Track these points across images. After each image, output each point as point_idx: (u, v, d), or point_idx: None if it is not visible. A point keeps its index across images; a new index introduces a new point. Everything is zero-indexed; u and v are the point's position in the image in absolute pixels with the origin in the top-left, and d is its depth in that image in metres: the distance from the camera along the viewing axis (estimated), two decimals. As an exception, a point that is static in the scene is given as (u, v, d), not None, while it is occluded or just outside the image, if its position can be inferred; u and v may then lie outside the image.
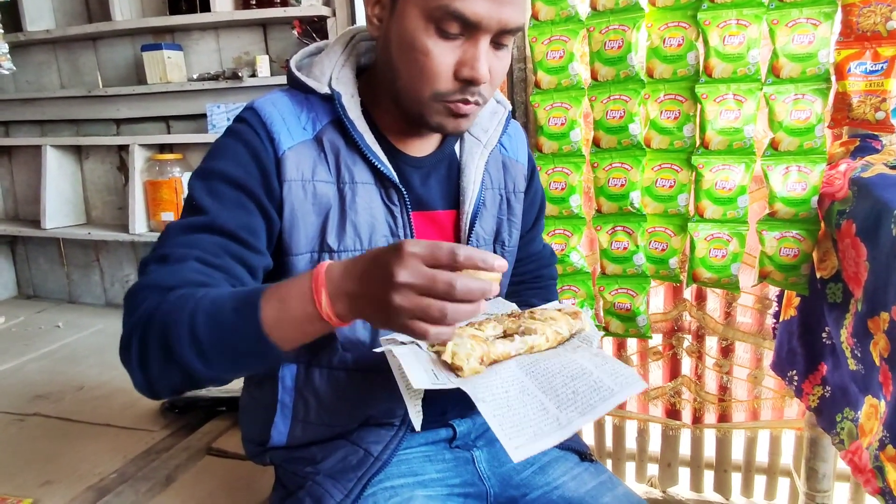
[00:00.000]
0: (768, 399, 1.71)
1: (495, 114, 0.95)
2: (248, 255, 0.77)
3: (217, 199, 0.76)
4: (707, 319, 1.68)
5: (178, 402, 1.44)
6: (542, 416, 0.61)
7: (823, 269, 1.36)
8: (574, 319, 0.82)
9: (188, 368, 0.65)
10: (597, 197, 1.48)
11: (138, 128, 2.25)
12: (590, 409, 0.63)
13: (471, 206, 0.90)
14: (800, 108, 1.29)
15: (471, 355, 0.68)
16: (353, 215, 0.82)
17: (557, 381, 0.67)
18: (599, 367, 0.69)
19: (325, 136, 0.82)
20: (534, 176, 1.05)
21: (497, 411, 0.61)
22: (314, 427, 0.88)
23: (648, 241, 1.47)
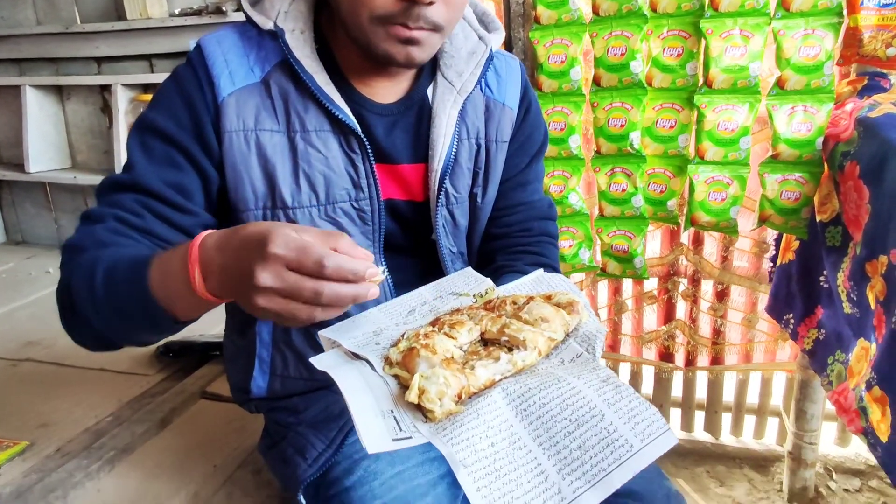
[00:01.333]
0: (761, 342, 1.72)
1: (473, 54, 0.83)
2: (175, 216, 0.72)
3: (146, 155, 0.72)
4: (703, 263, 1.67)
5: (172, 345, 1.43)
6: (539, 485, 0.48)
7: (824, 212, 1.34)
8: (570, 315, 0.65)
9: (101, 335, 0.65)
10: (596, 137, 1.44)
11: (120, 67, 2.16)
12: (601, 477, 0.47)
13: (440, 161, 0.81)
14: (809, 45, 1.24)
15: (444, 394, 0.53)
16: (306, 167, 0.75)
17: (558, 427, 0.51)
18: (612, 406, 0.52)
19: (273, 80, 0.74)
20: (528, 115, 0.92)
21: (482, 481, 0.47)
22: (293, 381, 0.85)
23: (647, 182, 1.45)
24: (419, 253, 0.88)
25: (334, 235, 0.54)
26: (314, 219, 0.77)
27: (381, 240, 0.82)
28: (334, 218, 0.78)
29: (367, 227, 0.80)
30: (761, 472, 1.81)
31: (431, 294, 0.73)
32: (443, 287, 0.74)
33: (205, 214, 0.75)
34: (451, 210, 0.86)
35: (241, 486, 0.96)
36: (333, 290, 0.52)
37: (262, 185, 0.75)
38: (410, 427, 0.52)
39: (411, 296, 0.72)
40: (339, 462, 0.79)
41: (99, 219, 0.69)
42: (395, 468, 0.77)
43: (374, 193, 0.79)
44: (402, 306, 0.70)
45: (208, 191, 0.75)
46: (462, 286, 0.74)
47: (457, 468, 0.48)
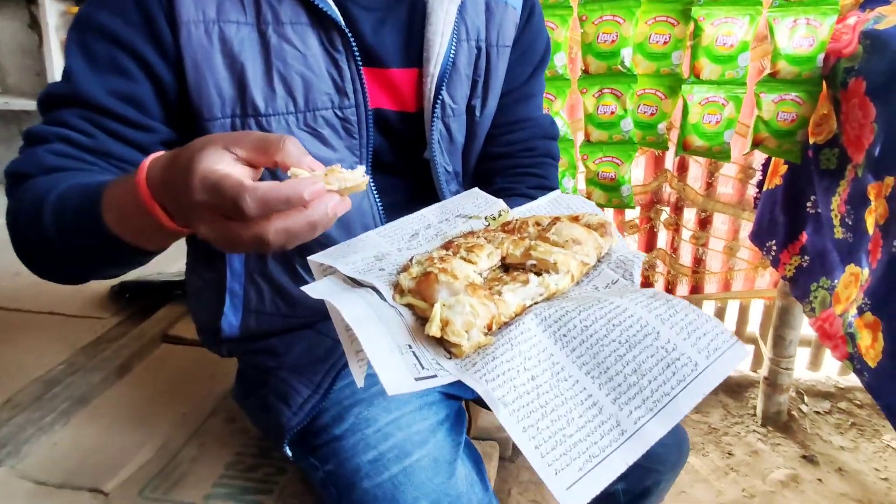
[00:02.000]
0: (741, 270, 1.70)
1: None
2: (130, 133, 0.62)
3: (88, 61, 0.61)
4: (687, 191, 1.62)
5: (128, 285, 1.31)
6: (593, 419, 0.40)
7: (818, 133, 1.29)
8: (603, 237, 0.56)
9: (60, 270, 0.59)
10: (584, 55, 1.33)
11: (48, -24, 1.92)
12: (666, 403, 0.39)
13: (437, 66, 0.71)
14: (817, -51, 1.15)
15: (472, 325, 0.45)
16: (280, 66, 0.64)
17: (606, 351, 0.43)
18: (666, 322, 0.44)
19: None
20: (532, 19, 0.83)
21: (527, 420, 0.40)
22: (270, 318, 0.76)
23: (637, 104, 1.36)
24: (410, 173, 0.78)
25: (271, 145, 0.44)
26: (291, 128, 0.66)
27: (369, 156, 0.72)
28: (315, 128, 0.67)
29: (353, 140, 0.70)
30: (735, 397, 1.83)
31: (436, 216, 0.63)
32: (448, 209, 0.65)
33: (164, 129, 0.65)
34: (447, 123, 0.76)
35: (213, 435, 0.88)
36: (274, 230, 0.42)
37: (229, 88, 0.64)
38: (433, 364, 0.43)
39: (412, 218, 0.63)
40: (327, 409, 0.72)
41: (43, 139, 0.59)
42: (391, 414, 0.70)
43: (362, 100, 0.69)
44: (404, 230, 0.60)
45: (165, 100, 0.64)
46: (471, 208, 0.65)
47: (496, 408, 0.40)
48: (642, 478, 0.87)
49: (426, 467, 0.66)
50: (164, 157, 0.48)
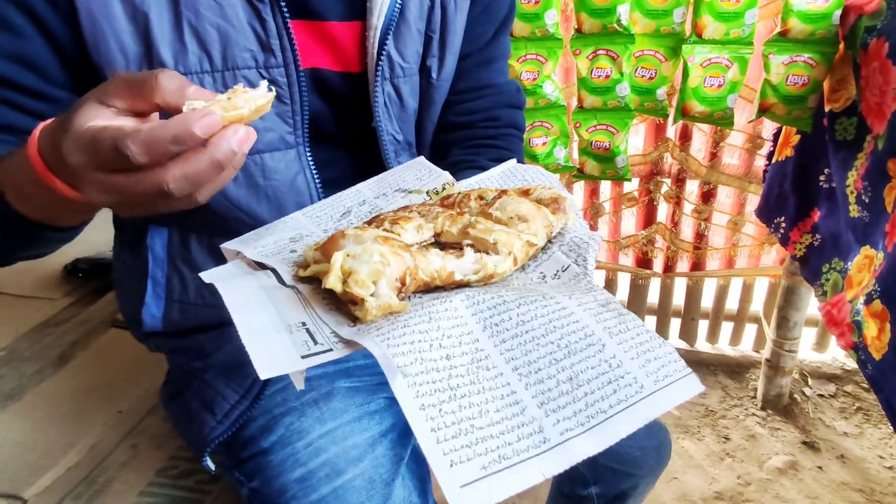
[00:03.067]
0: (746, 246, 1.59)
1: None
2: (25, 101, 0.53)
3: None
4: (690, 161, 1.50)
5: (81, 263, 1.23)
6: (511, 417, 0.33)
7: (835, 100, 1.16)
8: (554, 214, 0.49)
9: None
10: (577, 12, 1.20)
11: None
12: (601, 421, 0.33)
13: (381, 16, 0.62)
14: None
15: (381, 274, 0.38)
16: (192, 17, 0.55)
17: (541, 351, 0.36)
18: (615, 336, 0.37)
19: None
20: None
21: (429, 398, 0.33)
22: (195, 309, 0.68)
23: (635, 67, 1.24)
24: (355, 144, 0.69)
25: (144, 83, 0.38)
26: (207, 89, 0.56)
27: (304, 124, 0.62)
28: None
29: (283, 106, 0.61)
30: (735, 378, 1.75)
31: (372, 191, 0.57)
32: (387, 182, 0.58)
33: (66, 96, 0.56)
34: (395, 84, 0.67)
35: (148, 436, 0.80)
36: (172, 177, 0.36)
37: (132, 42, 0.55)
38: (330, 338, 0.37)
39: (345, 194, 0.57)
40: (255, 418, 0.64)
41: None
42: (325, 426, 0.62)
43: (291, 58, 0.59)
44: (334, 208, 0.54)
45: (64, 59, 0.55)
46: (412, 181, 0.58)
47: (392, 375, 0.34)
48: (618, 482, 0.79)
49: (358, 488, 0.58)
50: (51, 123, 0.41)
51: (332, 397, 0.64)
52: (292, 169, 0.63)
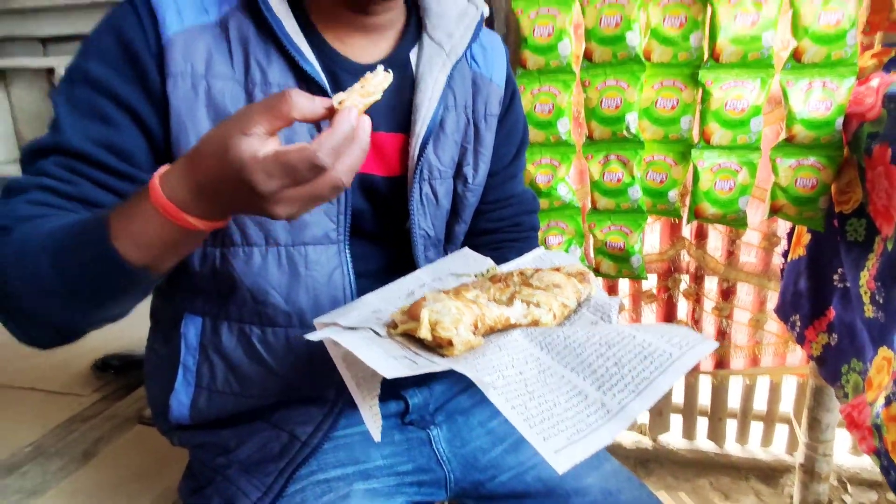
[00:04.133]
0: (770, 344, 1.57)
1: (464, 16, 0.75)
2: (112, 181, 0.59)
3: (73, 110, 0.59)
4: (707, 259, 1.52)
5: (111, 360, 1.27)
6: (579, 404, 0.44)
7: (844, 202, 1.19)
8: (581, 283, 0.61)
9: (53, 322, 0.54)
10: (588, 121, 1.28)
11: (69, 47, 1.98)
12: (647, 385, 0.44)
13: (423, 128, 0.70)
14: (830, 9, 1.09)
15: (459, 321, 0.49)
16: None
17: (588, 351, 0.48)
18: (640, 330, 0.49)
19: (232, 22, 0.63)
20: (514, 101, 0.85)
21: (515, 400, 0.44)
22: (222, 398, 0.70)
23: (645, 171, 1.29)
24: (389, 240, 0.76)
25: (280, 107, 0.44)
26: None
27: (347, 221, 0.69)
28: None
29: (331, 205, 0.68)
30: (769, 483, 1.67)
31: (429, 276, 0.67)
32: (440, 269, 0.69)
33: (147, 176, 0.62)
34: (432, 185, 0.75)
35: (167, 538, 0.80)
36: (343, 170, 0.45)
37: None
38: (427, 362, 0.47)
39: (407, 279, 0.66)
40: (275, 518, 0.64)
41: (20, 190, 0.57)
42: None
43: None
44: (400, 290, 0.64)
45: (152, 147, 0.62)
46: (461, 267, 0.70)
47: (486, 389, 0.44)
48: None
49: None
50: (178, 172, 0.48)
51: (349, 499, 0.65)
52: (332, 263, 0.68)
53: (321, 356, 0.67)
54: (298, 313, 0.67)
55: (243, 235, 0.65)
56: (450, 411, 0.79)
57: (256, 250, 0.66)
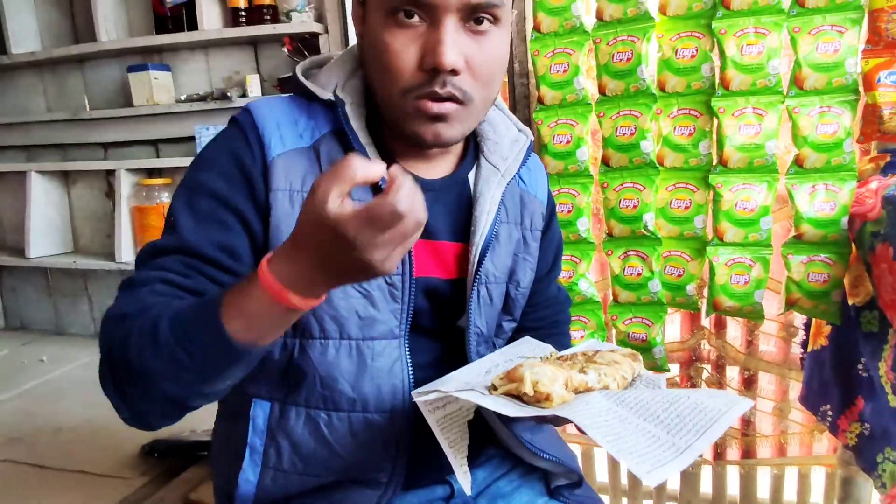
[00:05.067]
0: (795, 434, 1.59)
1: (516, 142, 0.86)
2: (223, 277, 0.68)
3: (193, 216, 0.69)
4: (727, 348, 1.57)
5: (158, 445, 1.33)
6: (654, 443, 0.54)
7: (856, 295, 1.25)
8: (634, 362, 0.73)
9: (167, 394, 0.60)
10: (607, 219, 1.38)
11: (126, 152, 2.16)
12: (704, 431, 0.55)
13: (482, 238, 0.79)
14: (826, 122, 1.20)
15: (555, 380, 0.60)
16: None
17: (655, 407, 0.59)
18: (693, 392, 0.61)
19: (323, 147, 0.74)
20: (553, 216, 0.96)
21: (609, 437, 0.54)
22: (287, 476, 0.76)
23: (664, 266, 1.37)
24: (444, 336, 0.83)
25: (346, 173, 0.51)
26: (346, 287, 0.73)
27: (408, 319, 0.77)
28: (366, 289, 0.74)
29: (395, 305, 0.76)
30: (806, 581, 1.63)
31: (501, 358, 0.77)
32: (509, 353, 0.79)
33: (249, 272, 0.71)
34: (489, 289, 0.83)
35: None
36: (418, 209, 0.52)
37: None
38: (534, 410, 0.59)
39: (483, 361, 0.76)
40: None
41: (143, 283, 0.65)
42: None
43: (408, 270, 0.75)
44: (479, 369, 0.73)
45: (255, 249, 0.72)
46: (527, 351, 0.80)
47: (586, 429, 0.54)
48: None
49: None
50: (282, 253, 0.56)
51: None
52: (394, 355, 0.76)
53: (380, 440, 0.74)
54: (363, 399, 0.74)
55: (321, 329, 0.73)
56: (492, 495, 0.84)
57: (331, 343, 0.74)
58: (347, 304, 0.73)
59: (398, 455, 0.76)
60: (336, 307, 0.73)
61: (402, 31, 0.67)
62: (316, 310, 0.71)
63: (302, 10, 1.76)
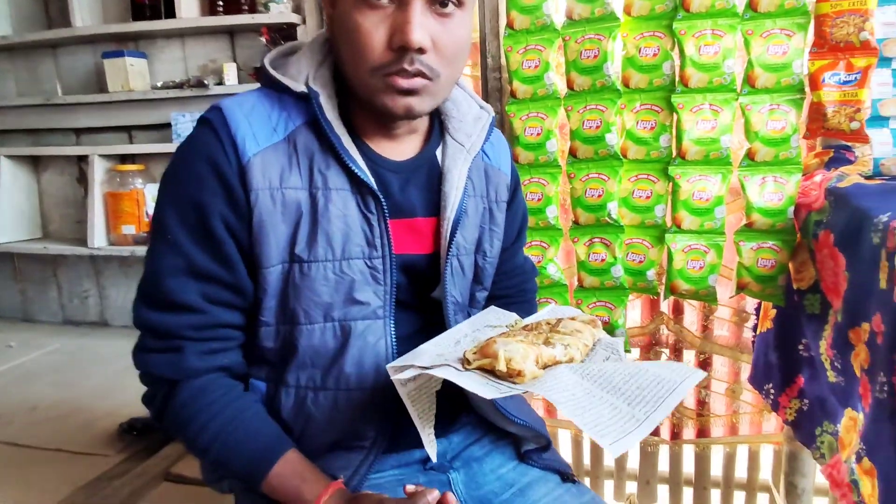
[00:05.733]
0: (746, 413, 1.69)
1: (479, 119, 0.91)
2: (230, 297, 0.76)
3: (189, 232, 0.74)
4: (684, 333, 1.66)
5: (136, 423, 1.36)
6: (616, 415, 0.60)
7: (800, 279, 1.35)
8: (594, 328, 0.79)
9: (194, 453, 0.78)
10: (574, 208, 1.45)
11: (100, 138, 2.17)
12: (661, 402, 0.61)
13: (452, 212, 0.85)
14: (775, 119, 1.29)
15: (527, 357, 0.65)
16: (325, 223, 0.76)
17: (617, 379, 0.65)
18: (652, 365, 0.68)
19: (299, 139, 0.77)
20: (517, 188, 1.01)
21: (576, 411, 0.59)
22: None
23: (626, 252, 1.45)
24: (423, 308, 0.89)
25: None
26: (328, 273, 0.78)
27: (392, 299, 0.82)
28: (347, 273, 0.79)
29: (378, 286, 0.81)
30: (754, 552, 1.73)
31: (469, 328, 0.82)
32: (477, 322, 0.84)
33: (248, 284, 0.77)
34: (460, 260, 0.89)
35: (201, 579, 0.88)
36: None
37: (283, 240, 0.76)
38: (508, 388, 0.64)
39: (452, 331, 0.81)
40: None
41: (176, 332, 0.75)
42: None
43: (387, 252, 0.80)
44: (448, 339, 0.78)
45: (243, 254, 0.76)
46: (494, 320, 0.86)
47: (556, 403, 0.60)
48: None
49: None
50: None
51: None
52: (378, 334, 0.81)
53: (364, 412, 0.80)
54: (346, 377, 0.79)
55: (306, 315, 0.78)
56: (466, 459, 0.90)
57: (317, 326, 0.79)
58: (330, 289, 0.78)
59: (382, 424, 0.82)
60: (319, 293, 0.77)
61: (373, 12, 0.71)
62: (301, 298, 0.77)
63: (280, 2, 1.79)
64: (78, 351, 2.00)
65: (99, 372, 1.72)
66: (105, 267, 2.21)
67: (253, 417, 0.76)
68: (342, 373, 0.79)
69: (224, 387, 0.76)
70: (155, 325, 0.74)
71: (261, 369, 0.82)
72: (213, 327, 0.75)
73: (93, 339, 2.14)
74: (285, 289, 0.77)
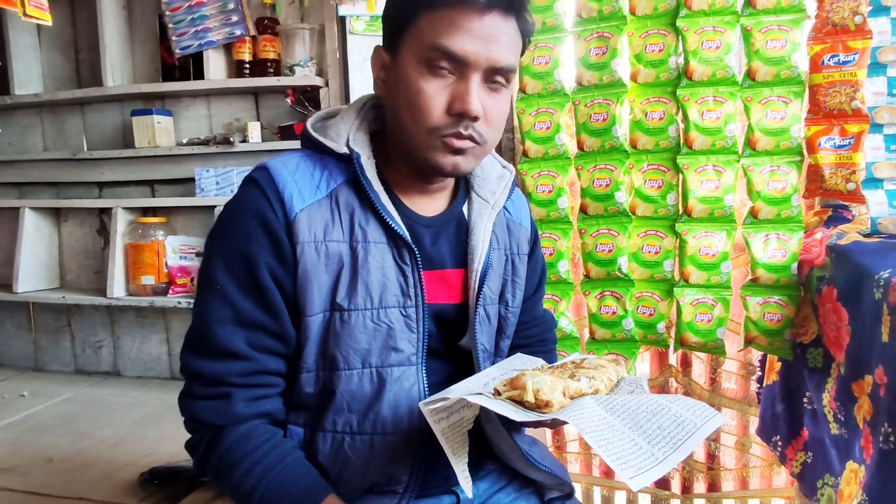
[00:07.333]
0: (756, 467, 1.70)
1: (502, 178, 0.98)
2: (274, 344, 0.81)
3: (238, 283, 0.79)
4: (693, 385, 1.69)
5: (158, 472, 1.37)
6: (637, 452, 0.62)
7: (803, 334, 1.39)
8: (617, 366, 0.83)
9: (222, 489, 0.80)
10: (585, 262, 1.51)
11: (122, 191, 2.24)
12: (680, 444, 0.63)
13: (479, 264, 0.91)
14: (776, 179, 1.36)
15: (555, 388, 0.68)
16: (364, 274, 0.82)
17: (639, 416, 0.67)
18: (673, 402, 0.70)
19: (340, 196, 0.83)
20: (536, 241, 1.07)
21: (601, 441, 0.62)
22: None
23: (636, 305, 1.50)
24: (452, 356, 0.93)
25: None
26: (366, 321, 0.82)
27: (424, 346, 0.87)
28: (384, 321, 0.84)
29: (412, 334, 0.86)
30: None
31: (497, 372, 0.85)
32: (504, 367, 0.88)
33: (290, 331, 0.82)
34: (486, 310, 0.94)
35: None
36: None
37: (326, 289, 0.81)
38: (536, 416, 0.67)
39: (481, 375, 0.84)
40: None
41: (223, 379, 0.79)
42: None
43: (420, 301, 0.85)
44: (478, 382, 0.80)
45: (287, 303, 0.81)
46: (520, 365, 0.90)
47: (582, 431, 0.63)
48: None
49: None
50: None
51: None
52: (411, 379, 0.86)
53: (398, 456, 0.83)
54: (383, 421, 0.83)
55: (346, 361, 0.83)
56: None
57: (355, 372, 0.83)
58: (368, 336, 0.82)
59: (414, 468, 0.85)
60: (358, 340, 0.82)
61: (436, 80, 0.79)
62: (341, 344, 0.82)
63: (305, 66, 1.90)
64: (91, 400, 2.01)
65: (114, 422, 1.74)
66: (121, 317, 2.24)
67: (295, 462, 0.79)
68: (379, 417, 0.83)
69: (267, 433, 0.80)
70: (203, 372, 0.79)
71: (299, 415, 0.86)
72: (259, 374, 0.79)
73: (106, 389, 2.16)
74: (326, 336, 0.82)
